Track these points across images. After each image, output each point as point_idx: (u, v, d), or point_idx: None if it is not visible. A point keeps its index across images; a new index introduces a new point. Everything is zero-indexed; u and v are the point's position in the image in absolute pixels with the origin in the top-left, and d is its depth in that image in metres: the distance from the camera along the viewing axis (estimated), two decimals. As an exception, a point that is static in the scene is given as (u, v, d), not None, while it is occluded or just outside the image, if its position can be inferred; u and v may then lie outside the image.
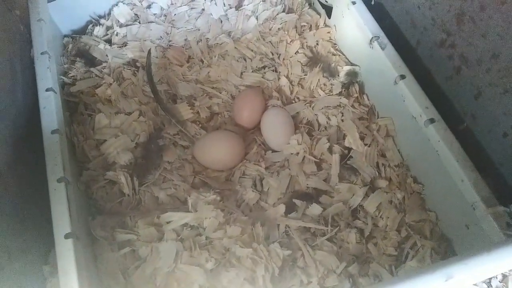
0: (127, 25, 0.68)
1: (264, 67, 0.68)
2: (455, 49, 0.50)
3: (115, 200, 0.55)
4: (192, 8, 0.72)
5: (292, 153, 0.58)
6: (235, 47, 0.69)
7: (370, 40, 0.55)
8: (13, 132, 0.49)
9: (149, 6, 0.71)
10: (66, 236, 0.41)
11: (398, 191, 0.55)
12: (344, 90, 0.64)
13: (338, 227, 0.53)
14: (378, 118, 0.61)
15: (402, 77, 0.51)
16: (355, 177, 0.56)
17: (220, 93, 0.65)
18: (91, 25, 0.68)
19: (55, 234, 0.41)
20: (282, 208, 0.54)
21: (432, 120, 0.48)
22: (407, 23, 0.57)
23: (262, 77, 0.67)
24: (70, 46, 0.67)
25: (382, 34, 0.55)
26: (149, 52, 0.65)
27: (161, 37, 0.69)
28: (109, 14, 0.69)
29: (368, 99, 0.63)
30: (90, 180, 0.55)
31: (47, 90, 0.51)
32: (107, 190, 0.55)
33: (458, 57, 0.49)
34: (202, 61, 0.68)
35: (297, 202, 0.54)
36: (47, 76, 0.52)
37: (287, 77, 0.66)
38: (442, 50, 0.49)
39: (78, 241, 0.42)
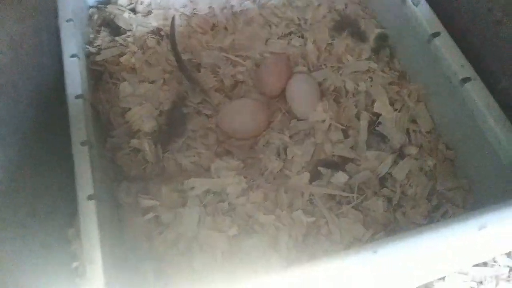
0: (150, -6, 0.68)
1: (290, 33, 0.66)
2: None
3: (139, 167, 0.55)
4: (216, -26, 0.70)
5: (317, 121, 0.56)
6: (260, 14, 0.67)
7: (402, -2, 0.52)
8: (38, 96, 0.50)
9: (172, -26, 0.70)
10: (89, 198, 0.42)
11: (429, 158, 0.52)
12: (374, 55, 0.61)
13: (365, 195, 0.52)
14: (409, 82, 0.57)
15: (436, 34, 0.48)
16: (384, 144, 0.54)
17: (245, 61, 0.64)
18: (115, -5, 0.68)
19: (78, 196, 0.42)
20: (306, 176, 0.53)
21: (467, 79, 0.45)
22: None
23: (288, 44, 0.64)
24: (96, 16, 0.67)
25: (414, -10, 0.52)
26: (173, 20, 0.64)
27: (185, 5, 0.68)
28: (133, -17, 0.69)
29: (399, 64, 0.59)
30: (115, 147, 0.56)
31: (71, 56, 0.51)
32: (131, 158, 0.56)
33: (499, 10, 0.45)
34: (227, 29, 0.67)
35: (322, 170, 0.53)
36: (71, 42, 0.52)
37: (314, 42, 0.64)
38: (482, 3, 0.45)
39: (100, 203, 0.42)
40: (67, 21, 0.54)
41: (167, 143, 0.57)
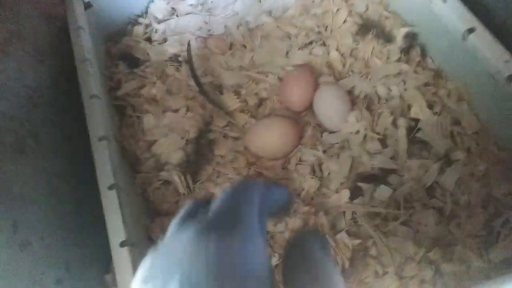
0: (165, 21, 0.66)
1: (311, 43, 0.63)
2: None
3: (172, 200, 0.53)
4: (228, -8, 0.68)
5: (351, 132, 0.53)
6: (277, 26, 0.64)
7: (429, -7, 0.48)
8: (61, 142, 0.49)
9: (184, -2, 0.68)
10: (122, 244, 0.40)
11: (479, 161, 0.48)
12: (404, 55, 0.57)
13: (413, 209, 0.48)
14: (447, 81, 0.53)
15: (471, 30, 0.44)
16: (427, 151, 0.50)
17: (267, 77, 0.61)
18: (130, 26, 0.67)
19: (111, 243, 0.40)
20: (346, 193, 0.49)
21: (516, 75, 0.41)
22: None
23: (310, 54, 0.61)
24: (114, 50, 0.66)
25: (442, -17, 0.48)
26: (188, 44, 0.62)
27: (200, 27, 0.66)
28: (146, 12, 0.68)
29: (433, 62, 0.55)
30: (145, 182, 0.54)
31: (91, 97, 0.50)
32: (163, 191, 0.54)
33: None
34: (245, 46, 0.64)
35: (363, 185, 0.49)
36: (89, 83, 0.51)
37: (337, 49, 0.60)
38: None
39: (134, 248, 0.40)
40: (82, 61, 0.53)
41: (197, 172, 0.55)
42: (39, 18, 0.56)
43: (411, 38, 0.56)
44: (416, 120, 0.51)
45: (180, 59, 0.64)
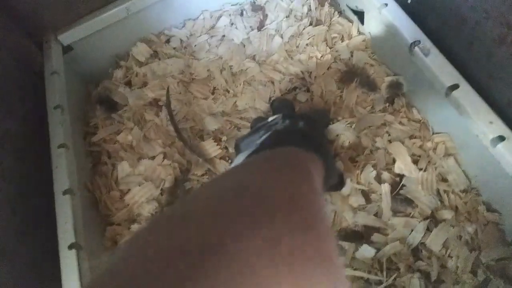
0: (146, 64, 0.65)
1: (294, 89, 0.61)
2: (521, 44, 0.40)
3: (142, 256, 0.50)
4: (212, 36, 0.67)
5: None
6: (261, 71, 0.63)
7: (410, 46, 0.46)
8: (24, 199, 0.46)
9: (168, 41, 0.67)
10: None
11: (468, 223, 0.45)
12: (388, 105, 0.55)
13: (397, 271, 0.45)
14: (433, 134, 0.51)
15: (455, 87, 0.42)
16: (412, 209, 0.47)
17: (249, 123, 0.59)
18: (111, 68, 0.66)
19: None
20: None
21: (500, 138, 0.38)
22: (453, 20, 0.47)
23: (294, 99, 0.60)
24: (93, 92, 0.64)
25: (423, 37, 0.46)
26: (167, 90, 0.61)
27: (182, 71, 0.65)
28: (128, 54, 0.66)
29: (419, 113, 0.53)
30: (115, 235, 0.51)
31: (59, 147, 0.48)
32: (134, 245, 0.51)
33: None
34: (228, 91, 0.63)
35: (344, 244, 0.46)
36: (59, 132, 0.49)
37: (321, 96, 0.59)
38: (504, 48, 0.39)
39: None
40: (54, 108, 0.51)
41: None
42: (12, 64, 0.54)
43: (396, 87, 0.55)
44: (401, 176, 0.49)
45: (160, 103, 0.62)
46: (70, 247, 0.40)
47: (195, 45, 0.67)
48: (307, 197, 0.23)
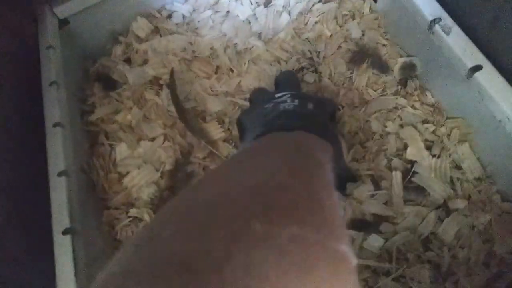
0: (147, 40, 0.62)
1: (302, 69, 0.58)
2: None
3: (141, 240, 0.48)
4: (216, 11, 0.64)
5: (342, 171, 0.48)
6: (267, 50, 0.60)
7: (430, 24, 0.43)
8: (18, 181, 0.44)
9: (169, 16, 0.64)
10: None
11: (481, 212, 0.43)
12: (401, 88, 0.52)
13: (406, 262, 0.43)
14: (446, 119, 0.48)
15: (477, 68, 0.39)
16: (423, 197, 0.45)
17: (254, 104, 0.56)
18: (110, 44, 0.63)
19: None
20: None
21: (524, 123, 0.36)
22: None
23: (301, 81, 0.57)
24: (91, 70, 0.62)
25: (444, 14, 0.43)
26: (171, 72, 0.58)
27: (184, 48, 0.62)
28: (128, 30, 0.63)
29: (432, 96, 0.50)
30: (112, 219, 0.49)
31: (54, 125, 0.45)
32: (132, 229, 0.49)
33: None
34: (232, 70, 0.60)
35: (352, 233, 0.44)
36: (54, 109, 0.47)
37: (329, 77, 0.56)
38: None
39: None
40: (50, 84, 0.48)
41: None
42: (5, 37, 0.51)
43: (409, 70, 0.52)
44: (413, 162, 0.46)
45: (161, 82, 0.59)
46: (65, 232, 0.39)
47: (198, 21, 0.63)
48: (320, 194, 0.21)
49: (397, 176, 0.45)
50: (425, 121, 0.49)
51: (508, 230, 0.41)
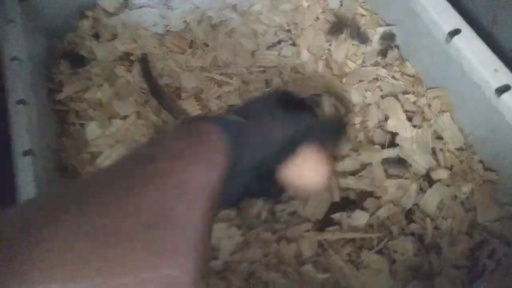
0: (116, 14, 0.59)
1: (279, 42, 0.56)
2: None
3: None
4: (189, -17, 0.61)
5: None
6: (243, 23, 0.57)
7: (409, -10, 0.42)
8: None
9: (139, -12, 0.61)
10: None
11: (463, 182, 0.42)
12: (381, 58, 0.51)
13: (390, 235, 0.42)
14: (427, 89, 0.47)
15: (456, 32, 0.38)
16: (405, 169, 0.44)
17: (231, 79, 0.54)
18: (77, 20, 0.59)
19: None
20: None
21: (506, 87, 0.35)
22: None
23: (279, 54, 0.55)
24: (58, 47, 0.58)
25: (423, -22, 0.41)
26: (144, 55, 0.55)
27: (156, 22, 0.59)
28: (95, 4, 0.60)
29: (413, 67, 0.49)
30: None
31: (17, 102, 0.43)
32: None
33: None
34: (207, 45, 0.57)
35: (336, 216, 0.43)
36: (16, 86, 0.44)
37: (308, 50, 0.54)
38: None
39: None
40: (11, 59, 0.45)
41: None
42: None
43: (389, 39, 0.50)
44: (394, 134, 0.45)
45: (132, 58, 0.56)
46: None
47: (170, -6, 0.60)
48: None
49: (378, 148, 0.44)
50: (405, 92, 0.48)
51: (490, 198, 0.41)
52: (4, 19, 0.49)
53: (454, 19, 0.38)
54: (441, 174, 0.43)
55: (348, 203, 0.44)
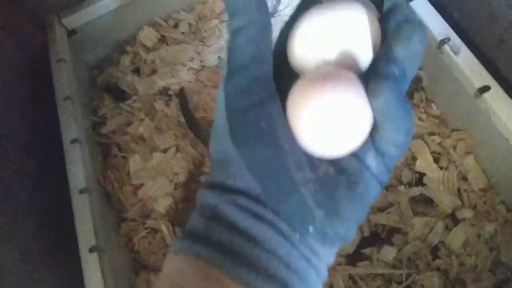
0: (154, 50, 0.62)
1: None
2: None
3: (158, 252, 0.50)
4: (222, 21, 0.64)
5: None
6: (274, 60, 0.61)
7: (439, 44, 0.45)
8: (33, 198, 0.45)
9: (176, 25, 0.64)
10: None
11: (487, 222, 0.45)
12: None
13: (416, 269, 0.45)
14: (452, 131, 0.50)
15: (485, 88, 0.41)
16: (432, 208, 0.47)
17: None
18: (116, 54, 0.63)
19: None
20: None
21: (533, 143, 0.38)
22: (484, 17, 0.46)
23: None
24: (99, 79, 0.62)
25: (453, 34, 0.45)
26: (181, 90, 0.58)
27: (192, 58, 0.62)
28: (134, 39, 0.63)
29: (437, 108, 0.52)
30: (130, 231, 0.50)
31: (72, 142, 0.46)
32: (149, 240, 0.50)
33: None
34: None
35: (366, 251, 0.46)
36: (70, 125, 0.47)
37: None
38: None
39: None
40: (64, 99, 0.49)
41: (186, 221, 0.51)
42: (12, 48, 0.51)
43: (415, 81, 0.54)
44: (421, 174, 0.49)
45: (170, 92, 0.60)
46: (91, 250, 0.40)
47: (205, 30, 0.64)
48: None
49: (407, 188, 0.47)
50: (431, 133, 0.51)
51: (512, 238, 0.44)
52: (55, 58, 0.53)
53: (483, 75, 0.42)
54: (466, 213, 0.46)
55: (376, 238, 0.47)
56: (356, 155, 0.20)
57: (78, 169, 0.44)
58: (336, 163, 0.20)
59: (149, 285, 0.47)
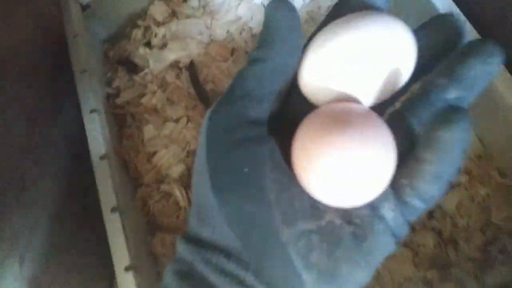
0: (164, 23, 0.65)
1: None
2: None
3: (172, 214, 0.53)
4: (231, -5, 0.66)
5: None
6: (281, 33, 0.63)
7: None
8: (63, 163, 0.48)
9: (186, 0, 0.66)
10: (126, 269, 0.40)
11: (480, 186, 0.48)
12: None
13: (413, 230, 0.48)
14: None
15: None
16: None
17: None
18: (128, 28, 0.65)
19: (116, 268, 0.40)
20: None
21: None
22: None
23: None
24: (111, 53, 0.64)
25: (456, 10, 0.46)
26: (191, 63, 0.61)
27: (201, 32, 0.64)
28: (145, 13, 0.66)
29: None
30: (145, 196, 0.54)
31: (91, 112, 0.49)
32: (163, 204, 0.54)
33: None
34: (247, 53, 0.63)
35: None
36: (88, 96, 0.50)
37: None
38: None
39: (138, 274, 0.41)
40: (81, 72, 0.51)
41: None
42: (34, 27, 0.54)
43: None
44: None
45: (180, 65, 0.62)
46: (113, 210, 0.43)
47: (213, 5, 0.66)
48: None
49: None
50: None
51: (503, 201, 0.47)
52: (71, 33, 0.55)
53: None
54: (461, 178, 0.49)
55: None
56: (369, 203, 0.17)
57: (98, 137, 0.48)
58: (344, 210, 0.18)
59: (163, 245, 0.51)
